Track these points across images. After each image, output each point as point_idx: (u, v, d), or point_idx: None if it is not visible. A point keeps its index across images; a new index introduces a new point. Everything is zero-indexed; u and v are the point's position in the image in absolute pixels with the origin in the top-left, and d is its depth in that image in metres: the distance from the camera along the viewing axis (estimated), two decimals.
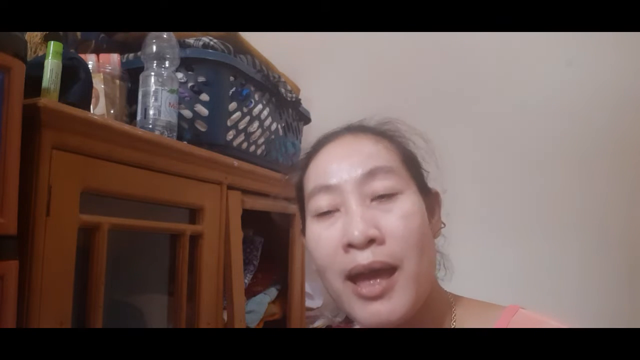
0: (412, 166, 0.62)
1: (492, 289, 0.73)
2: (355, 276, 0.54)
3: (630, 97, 1.50)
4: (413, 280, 0.54)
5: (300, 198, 0.66)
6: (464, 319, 0.60)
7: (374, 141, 0.61)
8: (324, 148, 0.63)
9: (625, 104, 1.50)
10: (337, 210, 0.58)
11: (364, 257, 0.53)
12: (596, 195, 1.51)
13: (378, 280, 0.53)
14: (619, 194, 1.50)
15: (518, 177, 1.57)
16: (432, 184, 0.65)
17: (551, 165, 1.55)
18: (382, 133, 0.64)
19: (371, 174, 0.57)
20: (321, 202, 0.59)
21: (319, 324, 1.52)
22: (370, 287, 0.53)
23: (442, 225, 0.65)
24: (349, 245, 0.54)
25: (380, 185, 0.56)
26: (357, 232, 0.53)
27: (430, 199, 0.63)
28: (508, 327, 0.56)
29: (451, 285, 0.66)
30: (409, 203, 0.57)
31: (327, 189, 0.58)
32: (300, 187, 0.66)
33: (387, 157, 0.59)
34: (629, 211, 1.49)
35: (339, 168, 0.58)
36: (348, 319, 1.55)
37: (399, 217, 0.55)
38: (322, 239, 0.57)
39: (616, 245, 1.48)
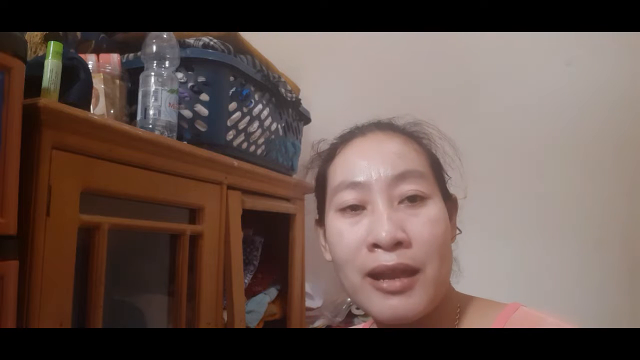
0: (438, 171, 0.62)
1: (491, 289, 0.73)
2: (376, 274, 0.55)
3: (630, 97, 1.50)
4: (432, 283, 0.55)
5: (321, 189, 0.66)
6: (467, 316, 0.61)
7: (403, 141, 0.61)
8: (351, 142, 0.63)
9: (625, 104, 1.51)
10: (363, 207, 0.58)
11: (389, 259, 0.54)
12: (596, 195, 1.51)
13: (399, 278, 0.54)
14: (619, 193, 1.50)
15: (517, 177, 1.57)
16: (452, 190, 0.65)
17: (551, 165, 1.55)
18: (411, 134, 0.64)
19: (402, 177, 0.57)
20: (347, 197, 0.59)
21: (319, 324, 1.52)
22: (391, 282, 0.54)
23: (458, 232, 0.66)
24: (375, 245, 0.55)
25: (410, 189, 0.57)
26: (385, 233, 0.54)
27: (449, 204, 0.63)
28: (508, 323, 0.57)
29: (455, 283, 0.66)
30: (435, 209, 0.57)
31: (354, 185, 0.58)
32: (323, 178, 0.65)
33: (417, 161, 0.59)
34: (629, 211, 1.49)
35: (368, 166, 0.58)
36: (348, 318, 1.55)
37: (425, 222, 0.56)
38: (346, 235, 0.57)
39: (616, 245, 1.48)
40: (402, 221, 0.55)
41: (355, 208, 0.58)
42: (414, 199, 0.57)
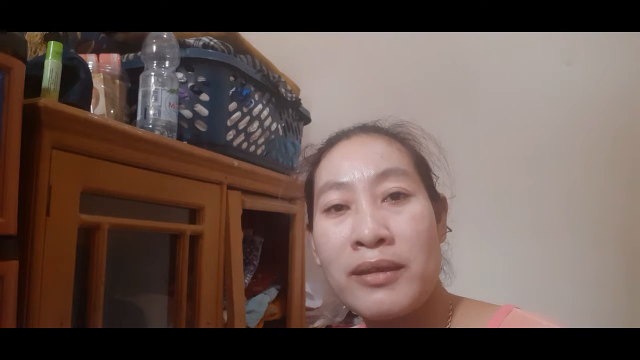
0: (423, 170, 0.63)
1: (488, 289, 0.73)
2: (361, 272, 0.55)
3: (628, 96, 1.50)
4: (417, 279, 0.55)
5: (309, 193, 0.66)
6: (459, 318, 0.61)
7: (387, 142, 0.61)
8: (337, 145, 0.64)
9: (623, 102, 1.50)
10: (347, 207, 0.58)
11: (372, 255, 0.54)
12: (593, 194, 1.51)
13: (384, 272, 0.54)
14: (616, 193, 1.50)
15: (513, 175, 1.57)
16: (440, 189, 0.65)
17: (548, 164, 1.55)
18: (395, 135, 0.64)
19: (384, 175, 0.58)
20: (331, 197, 0.59)
21: (319, 324, 1.52)
22: (375, 275, 0.54)
23: (448, 230, 0.66)
24: (358, 243, 0.55)
25: (392, 186, 0.57)
26: (368, 230, 0.54)
27: (437, 203, 0.63)
28: (500, 326, 0.56)
29: (447, 285, 0.66)
30: (419, 206, 0.57)
31: (338, 185, 0.59)
32: (310, 182, 0.66)
33: (400, 160, 0.60)
34: (626, 209, 1.49)
35: (351, 166, 0.59)
36: (348, 319, 1.55)
37: (409, 219, 0.56)
38: (331, 235, 0.58)
39: (613, 244, 1.48)
40: (385, 219, 0.56)
41: (340, 208, 0.59)
42: (397, 196, 0.57)
